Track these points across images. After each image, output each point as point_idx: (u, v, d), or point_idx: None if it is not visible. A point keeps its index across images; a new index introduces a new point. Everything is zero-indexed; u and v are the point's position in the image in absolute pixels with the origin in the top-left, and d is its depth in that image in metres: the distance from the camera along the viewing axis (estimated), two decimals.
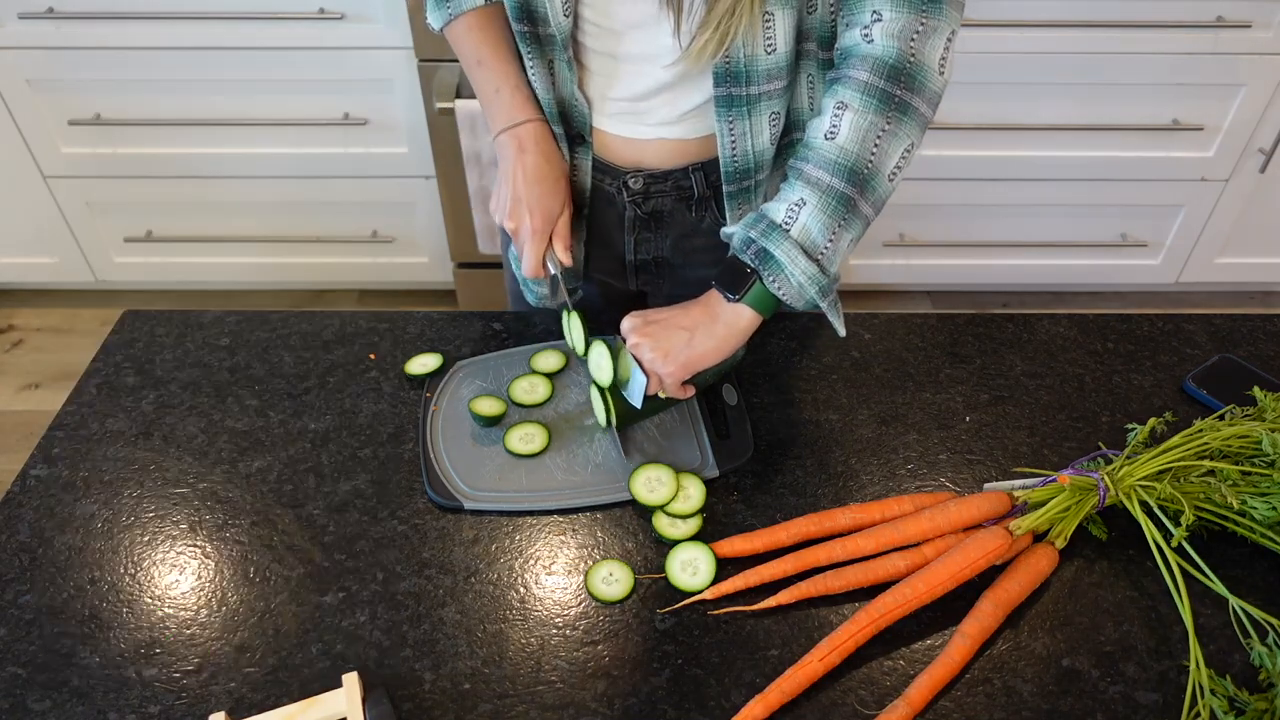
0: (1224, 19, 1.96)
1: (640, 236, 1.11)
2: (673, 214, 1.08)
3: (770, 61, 0.90)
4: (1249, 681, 0.78)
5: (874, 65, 0.86)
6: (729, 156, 0.98)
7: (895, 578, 0.84)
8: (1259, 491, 0.84)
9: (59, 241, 2.35)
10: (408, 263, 2.37)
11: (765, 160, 0.99)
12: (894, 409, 1.03)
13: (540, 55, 0.98)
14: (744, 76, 0.91)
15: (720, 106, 0.94)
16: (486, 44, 1.00)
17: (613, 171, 1.06)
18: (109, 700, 0.77)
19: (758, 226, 0.88)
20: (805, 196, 0.86)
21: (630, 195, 1.06)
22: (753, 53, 0.89)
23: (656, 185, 1.05)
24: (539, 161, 0.99)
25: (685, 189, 1.06)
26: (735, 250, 0.90)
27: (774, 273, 0.86)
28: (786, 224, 0.87)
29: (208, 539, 0.90)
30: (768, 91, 0.93)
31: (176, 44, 2.00)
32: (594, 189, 1.08)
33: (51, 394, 2.32)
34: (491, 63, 1.00)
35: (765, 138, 0.97)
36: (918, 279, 2.46)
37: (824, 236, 0.86)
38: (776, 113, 0.96)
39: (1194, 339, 1.11)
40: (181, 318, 1.14)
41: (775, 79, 0.92)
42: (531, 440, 0.97)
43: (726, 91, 0.92)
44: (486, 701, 0.77)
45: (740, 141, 0.96)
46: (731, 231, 0.92)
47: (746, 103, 0.93)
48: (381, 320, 1.13)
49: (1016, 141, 2.16)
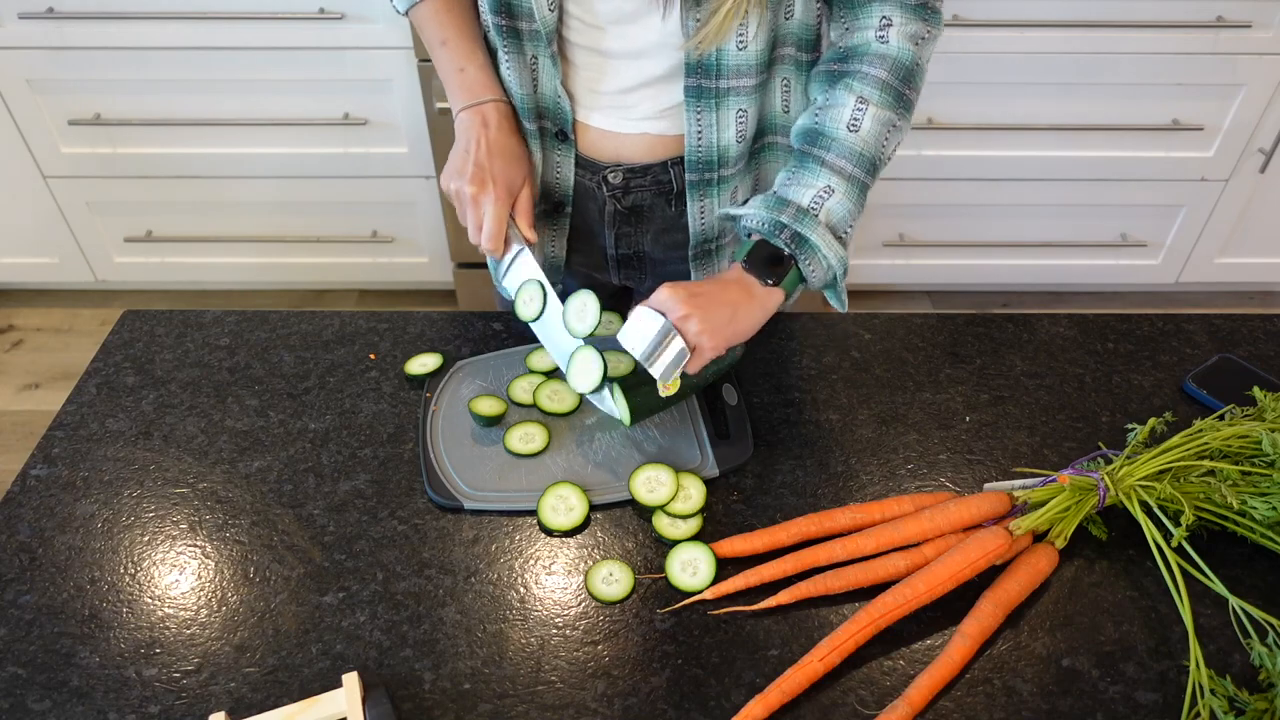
0: (1224, 19, 1.96)
1: (621, 231, 1.12)
2: (652, 208, 1.10)
3: (740, 58, 0.93)
4: (1249, 681, 0.78)
5: (892, 66, 0.91)
6: (694, 146, 0.99)
7: (895, 578, 0.84)
8: (1259, 491, 0.84)
9: (59, 241, 2.35)
10: (408, 263, 2.37)
11: (729, 156, 1.01)
12: (894, 409, 1.03)
13: (518, 50, 0.99)
14: (714, 70, 0.93)
15: (690, 97, 0.96)
16: (451, 25, 1.01)
17: (593, 166, 1.06)
18: (109, 700, 0.77)
19: (786, 211, 0.90)
20: (833, 184, 0.90)
21: (610, 190, 1.07)
22: (724, 47, 0.92)
23: (636, 180, 1.06)
24: (502, 136, 1.00)
25: (664, 183, 1.07)
26: (764, 234, 0.90)
27: (809, 256, 0.89)
28: (814, 209, 0.90)
29: (208, 539, 0.90)
30: (736, 87, 0.95)
31: (176, 44, 2.00)
32: (575, 184, 1.09)
33: (51, 394, 2.32)
34: (456, 42, 1.01)
35: (730, 133, 0.99)
36: (918, 279, 2.46)
37: (846, 221, 0.92)
38: (744, 110, 0.97)
39: (1194, 339, 1.11)
40: (181, 318, 1.14)
41: (744, 76, 0.94)
42: (531, 440, 0.97)
43: (697, 83, 0.94)
44: (486, 701, 0.77)
45: (706, 133, 0.98)
46: (742, 214, 0.93)
47: (715, 95, 0.95)
48: (381, 320, 1.13)
49: (1017, 141, 2.16)
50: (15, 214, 2.30)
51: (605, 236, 1.13)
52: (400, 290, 2.55)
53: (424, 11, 1.01)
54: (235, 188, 2.24)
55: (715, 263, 1.13)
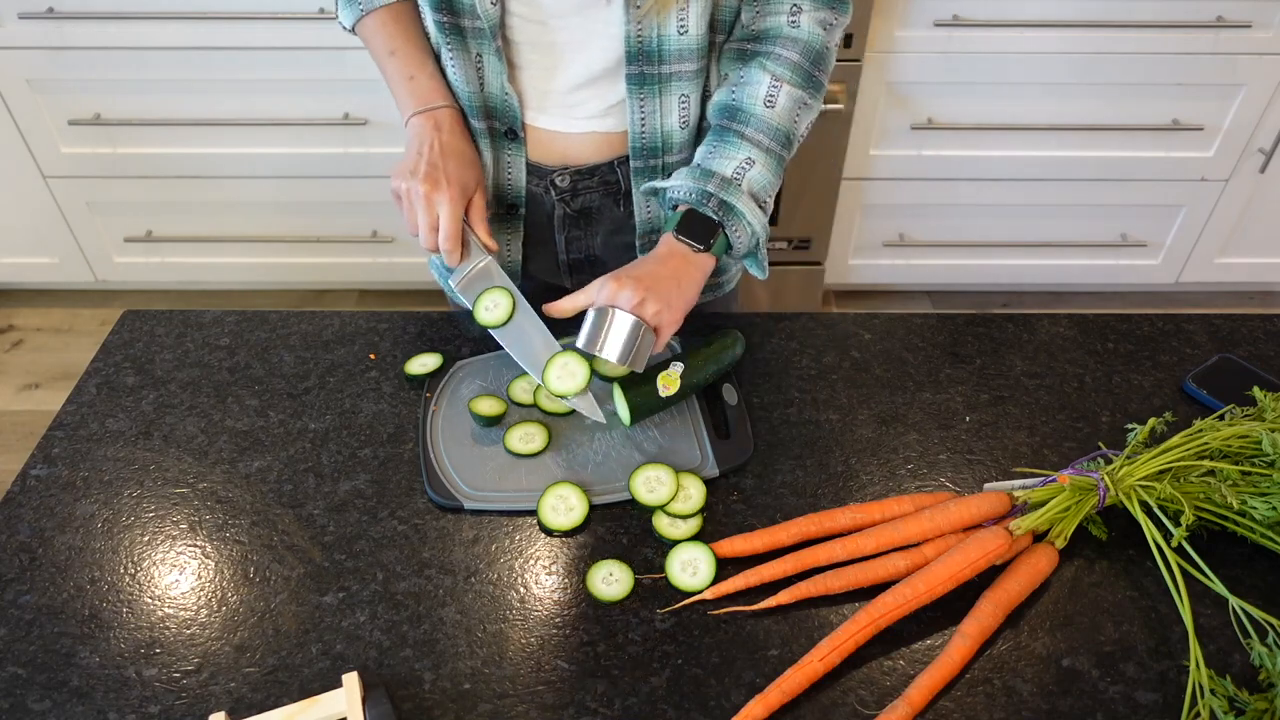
0: (1224, 19, 1.96)
1: (571, 234, 1.14)
2: (600, 210, 1.11)
3: (682, 43, 0.95)
4: (1249, 681, 0.78)
5: (803, 49, 0.97)
6: (638, 133, 1.01)
7: (895, 578, 0.84)
8: (1259, 491, 0.84)
9: (59, 241, 2.35)
10: (408, 263, 2.37)
11: (672, 142, 1.03)
12: (894, 409, 1.03)
13: (463, 48, 0.99)
14: (656, 55, 0.96)
15: (632, 84, 0.97)
16: (399, 36, 1.02)
17: (540, 171, 1.08)
18: (109, 700, 0.77)
19: (712, 181, 0.95)
20: (753, 156, 0.96)
21: (559, 193, 1.09)
22: (665, 32, 0.94)
23: (584, 182, 1.08)
24: (455, 139, 1.00)
25: (612, 184, 1.08)
26: (692, 204, 0.95)
27: (735, 222, 0.95)
28: (737, 179, 0.95)
29: (208, 539, 0.90)
30: (678, 72, 0.97)
31: (176, 44, 2.00)
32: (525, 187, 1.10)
33: (51, 394, 2.32)
34: (405, 51, 1.02)
35: (674, 118, 1.01)
36: (918, 279, 2.46)
37: (766, 191, 0.98)
38: (686, 95, 1.00)
39: (1194, 339, 1.11)
40: (181, 318, 1.14)
41: (686, 60, 0.97)
42: (531, 440, 0.97)
43: (639, 70, 0.96)
44: (486, 701, 0.77)
45: (650, 119, 1.00)
46: (667, 185, 0.97)
47: (658, 81, 0.98)
48: (381, 320, 1.13)
49: (1017, 141, 2.16)
50: (15, 214, 2.30)
51: (557, 241, 1.14)
52: (400, 290, 2.55)
53: (370, 25, 1.02)
54: (235, 188, 2.24)
55: None
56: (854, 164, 2.19)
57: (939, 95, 2.09)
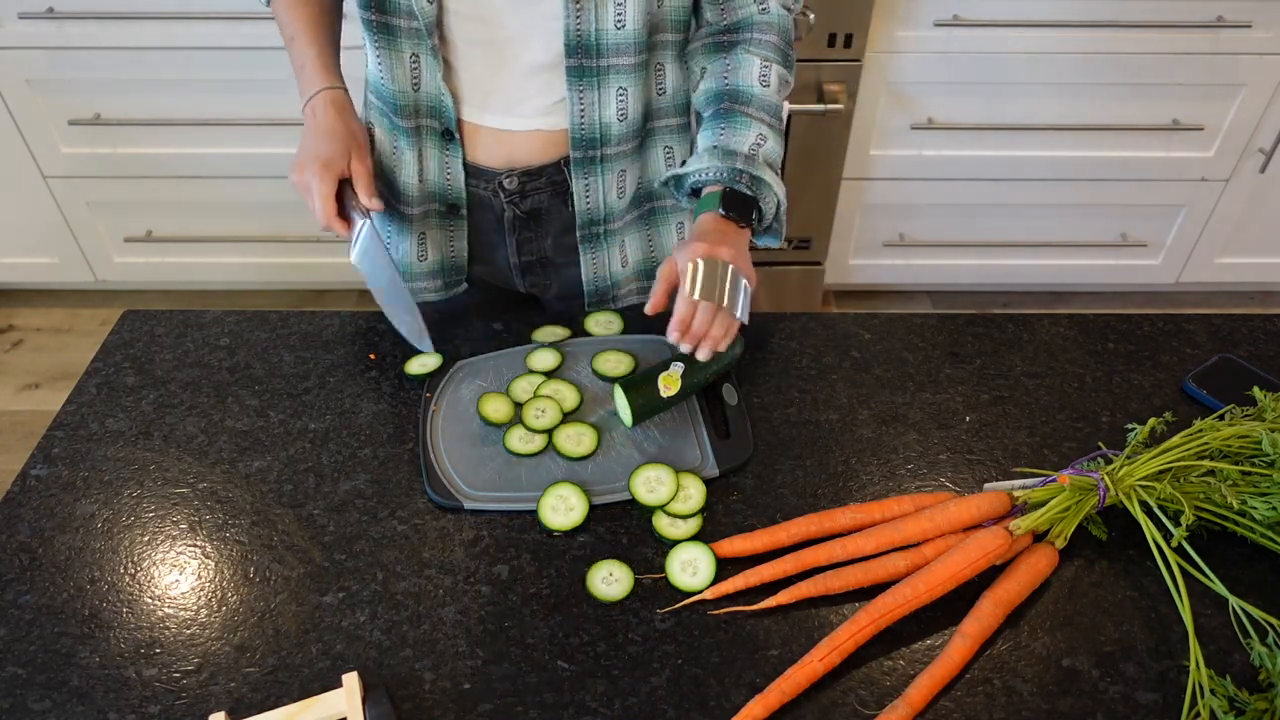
0: (1224, 19, 1.96)
1: (522, 237, 1.14)
2: (550, 211, 1.12)
3: (619, 36, 0.97)
4: (1249, 681, 0.78)
5: (778, 31, 1.05)
6: (577, 123, 1.03)
7: (895, 578, 0.84)
8: (1259, 491, 0.84)
9: (59, 241, 2.35)
10: None
11: (611, 134, 1.04)
12: (894, 409, 1.03)
13: (393, 47, 1.00)
14: (594, 49, 0.98)
15: (571, 76, 1.00)
16: (297, 20, 1.04)
17: (486, 174, 1.08)
18: (109, 700, 0.77)
19: (737, 159, 0.98)
20: (764, 132, 1.02)
21: (508, 195, 1.10)
22: (603, 26, 0.96)
23: (532, 183, 1.09)
24: (326, 120, 1.00)
25: (559, 184, 1.09)
26: (726, 182, 0.98)
27: (765, 195, 1.00)
28: (754, 154, 1.00)
29: (208, 539, 0.90)
30: (616, 65, 1.00)
31: (176, 44, 2.00)
32: (469, 195, 1.11)
33: (51, 394, 2.32)
34: (300, 38, 1.03)
35: (612, 110, 1.03)
36: (918, 279, 2.45)
37: (778, 163, 1.03)
38: (624, 88, 1.02)
39: (1194, 339, 1.11)
40: (181, 318, 1.14)
41: (624, 54, 0.99)
42: (531, 440, 0.97)
43: (578, 62, 0.99)
44: (486, 701, 0.77)
45: (589, 110, 1.02)
46: (691, 170, 1.00)
47: (596, 74, 1.00)
48: (381, 320, 1.13)
49: (1016, 141, 2.16)
50: (15, 214, 2.30)
51: (507, 245, 1.15)
52: None
53: (279, 3, 1.05)
54: (235, 188, 2.24)
55: (604, 247, 1.14)
56: (854, 164, 2.19)
57: (939, 95, 2.09)
